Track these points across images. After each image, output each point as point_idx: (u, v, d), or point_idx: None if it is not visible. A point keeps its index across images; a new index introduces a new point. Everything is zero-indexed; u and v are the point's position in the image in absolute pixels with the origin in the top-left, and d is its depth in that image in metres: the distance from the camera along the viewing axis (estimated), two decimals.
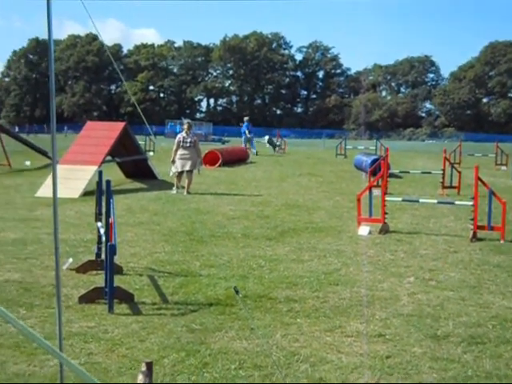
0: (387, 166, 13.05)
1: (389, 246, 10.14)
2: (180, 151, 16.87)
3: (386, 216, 11.43)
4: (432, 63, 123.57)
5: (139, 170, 20.16)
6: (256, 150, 35.44)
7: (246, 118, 37.85)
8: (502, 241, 10.57)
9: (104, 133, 18.58)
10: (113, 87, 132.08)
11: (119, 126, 18.84)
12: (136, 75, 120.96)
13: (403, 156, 34.99)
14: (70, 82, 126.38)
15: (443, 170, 18.13)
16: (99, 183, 8.21)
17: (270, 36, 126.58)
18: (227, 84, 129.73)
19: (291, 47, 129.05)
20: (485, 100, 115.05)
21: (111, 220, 6.85)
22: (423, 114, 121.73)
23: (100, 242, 8.15)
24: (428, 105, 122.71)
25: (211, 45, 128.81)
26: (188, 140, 16.93)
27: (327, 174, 23.31)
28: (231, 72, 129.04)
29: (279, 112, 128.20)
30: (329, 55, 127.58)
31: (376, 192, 12.49)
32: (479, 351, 5.55)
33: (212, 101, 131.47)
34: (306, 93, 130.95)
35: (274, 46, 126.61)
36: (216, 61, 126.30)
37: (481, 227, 10.90)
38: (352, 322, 6.28)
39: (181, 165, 16.81)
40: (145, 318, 6.29)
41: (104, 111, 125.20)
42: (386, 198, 11.66)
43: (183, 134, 17.18)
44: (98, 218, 8.08)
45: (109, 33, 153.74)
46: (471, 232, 10.78)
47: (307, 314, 6.50)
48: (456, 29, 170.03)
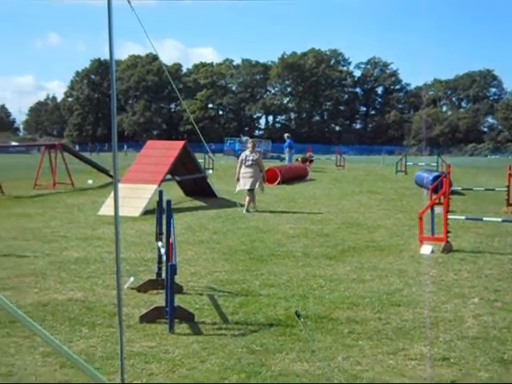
0: (449, 183, 12.79)
1: (452, 266, 9.91)
2: (243, 169, 16.98)
3: (449, 234, 11.19)
4: (494, 77, 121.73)
5: (199, 188, 20.28)
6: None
7: (287, 135, 37.40)
8: None
9: (164, 151, 18.76)
10: (172, 106, 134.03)
11: (179, 145, 19.00)
12: (195, 93, 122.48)
13: (465, 172, 34.31)
14: (131, 101, 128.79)
15: (508, 187, 17.63)
16: (160, 203, 8.26)
17: (329, 53, 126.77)
18: (285, 101, 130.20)
19: (350, 64, 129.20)
20: None
21: (171, 240, 6.87)
22: (485, 129, 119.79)
23: (160, 262, 8.19)
24: (490, 119, 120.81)
25: (269, 62, 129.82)
26: (250, 158, 17.00)
27: (387, 192, 23.03)
28: (289, 89, 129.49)
29: (338, 128, 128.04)
30: (388, 71, 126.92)
31: (438, 210, 12.24)
32: None
33: (271, 118, 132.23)
34: (365, 109, 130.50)
35: (333, 63, 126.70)
36: (274, 78, 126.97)
37: None
38: (415, 345, 6.13)
39: (243, 183, 16.93)
40: (205, 338, 6.27)
41: (164, 129, 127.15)
42: (449, 216, 11.41)
43: (246, 153, 17.28)
44: (159, 238, 8.12)
45: (168, 52, 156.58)
46: None
47: (369, 336, 6.38)
48: None
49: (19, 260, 10.08)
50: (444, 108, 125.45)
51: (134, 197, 16.13)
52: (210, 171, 32.55)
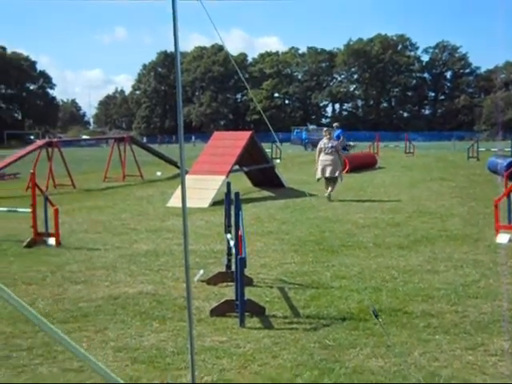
0: None
1: None
2: (322, 157, 16.96)
3: None
4: None
5: (266, 178, 20.19)
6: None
7: (336, 124, 36.40)
8: None
9: (231, 142, 18.74)
10: (238, 96, 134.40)
11: (246, 135, 18.93)
12: (261, 83, 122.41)
13: None
14: (197, 93, 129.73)
15: None
16: (228, 194, 8.19)
17: (395, 38, 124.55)
18: (352, 88, 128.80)
19: (417, 48, 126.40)
20: None
21: (240, 232, 6.77)
22: None
23: (230, 254, 8.12)
24: None
25: (335, 50, 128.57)
26: (329, 145, 17.02)
27: (459, 179, 22.42)
28: (356, 76, 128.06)
29: (406, 115, 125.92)
30: (457, 55, 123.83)
31: None
32: None
33: (337, 106, 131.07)
34: (434, 94, 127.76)
35: (400, 48, 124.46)
36: (340, 65, 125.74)
37: None
38: (495, 339, 5.85)
39: (322, 171, 16.92)
40: (276, 333, 6.15)
41: (230, 120, 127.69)
42: None
43: (324, 140, 17.22)
44: (228, 230, 8.05)
45: (233, 42, 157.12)
46: None
47: (446, 330, 6.13)
48: None
49: (90, 253, 10.19)
50: None
51: (203, 188, 16.15)
52: (278, 161, 32.46)
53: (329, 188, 16.84)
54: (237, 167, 18.87)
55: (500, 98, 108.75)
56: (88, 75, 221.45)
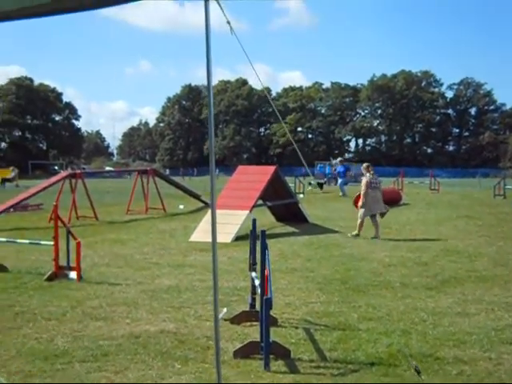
0: None
1: None
2: (371, 193, 16.54)
3: None
4: None
5: (290, 213, 19.99)
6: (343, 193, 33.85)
7: (340, 159, 35.89)
8: None
9: (255, 176, 18.60)
10: (262, 130, 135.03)
11: (270, 170, 18.79)
12: (284, 117, 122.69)
13: None
14: (221, 126, 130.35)
15: None
16: (253, 231, 8.01)
17: (420, 74, 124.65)
18: (376, 123, 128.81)
19: (441, 85, 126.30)
20: None
21: (267, 272, 6.58)
22: None
23: (254, 293, 7.91)
24: None
25: (359, 85, 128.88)
26: (376, 181, 16.83)
27: (486, 217, 22.04)
28: (379, 111, 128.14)
29: (430, 151, 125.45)
30: (481, 91, 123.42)
31: None
32: None
33: (360, 141, 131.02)
34: (458, 130, 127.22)
35: (424, 84, 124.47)
36: (364, 101, 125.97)
37: None
38: None
39: (373, 207, 16.59)
40: (303, 378, 5.91)
41: (253, 153, 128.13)
42: None
43: (369, 176, 16.71)
44: (252, 268, 7.85)
45: (257, 77, 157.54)
46: None
47: (480, 379, 5.86)
48: None
49: (112, 288, 10.02)
50: None
51: (226, 223, 15.97)
52: (301, 195, 32.28)
53: (362, 228, 16.48)
54: (260, 202, 18.72)
55: None
56: (112, 107, 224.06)
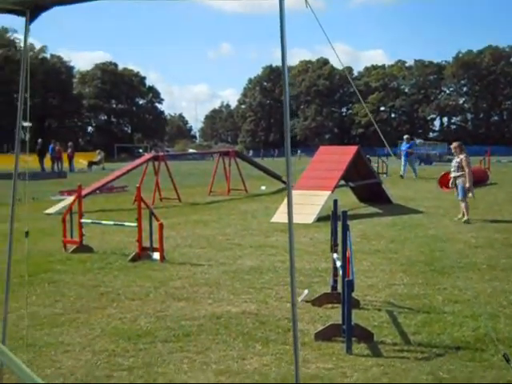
0: None
1: None
2: (452, 174, 15.72)
3: None
4: None
5: (373, 194, 19.69)
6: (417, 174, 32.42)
7: (406, 137, 34.30)
8: None
9: (337, 157, 18.39)
10: (344, 110, 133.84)
11: (352, 150, 18.54)
12: (367, 97, 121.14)
13: None
14: (302, 107, 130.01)
15: None
16: (334, 212, 7.87)
17: (508, 49, 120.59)
18: (461, 101, 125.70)
19: None
20: None
21: (348, 253, 6.45)
22: None
23: (336, 275, 7.80)
24: None
25: (443, 62, 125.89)
26: (454, 160, 15.70)
27: None
28: (465, 89, 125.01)
29: None
30: None
31: None
32: None
33: (445, 119, 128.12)
34: None
35: None
36: (449, 78, 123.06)
37: None
38: None
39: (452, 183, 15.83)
40: (386, 361, 5.77)
41: (335, 134, 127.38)
42: None
43: (466, 155, 15.50)
44: (334, 249, 7.73)
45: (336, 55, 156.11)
46: None
47: None
48: None
49: (194, 269, 10.09)
50: None
51: (307, 203, 15.87)
52: (385, 176, 31.81)
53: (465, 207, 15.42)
54: (342, 182, 18.50)
55: None
56: (194, 90, 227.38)
